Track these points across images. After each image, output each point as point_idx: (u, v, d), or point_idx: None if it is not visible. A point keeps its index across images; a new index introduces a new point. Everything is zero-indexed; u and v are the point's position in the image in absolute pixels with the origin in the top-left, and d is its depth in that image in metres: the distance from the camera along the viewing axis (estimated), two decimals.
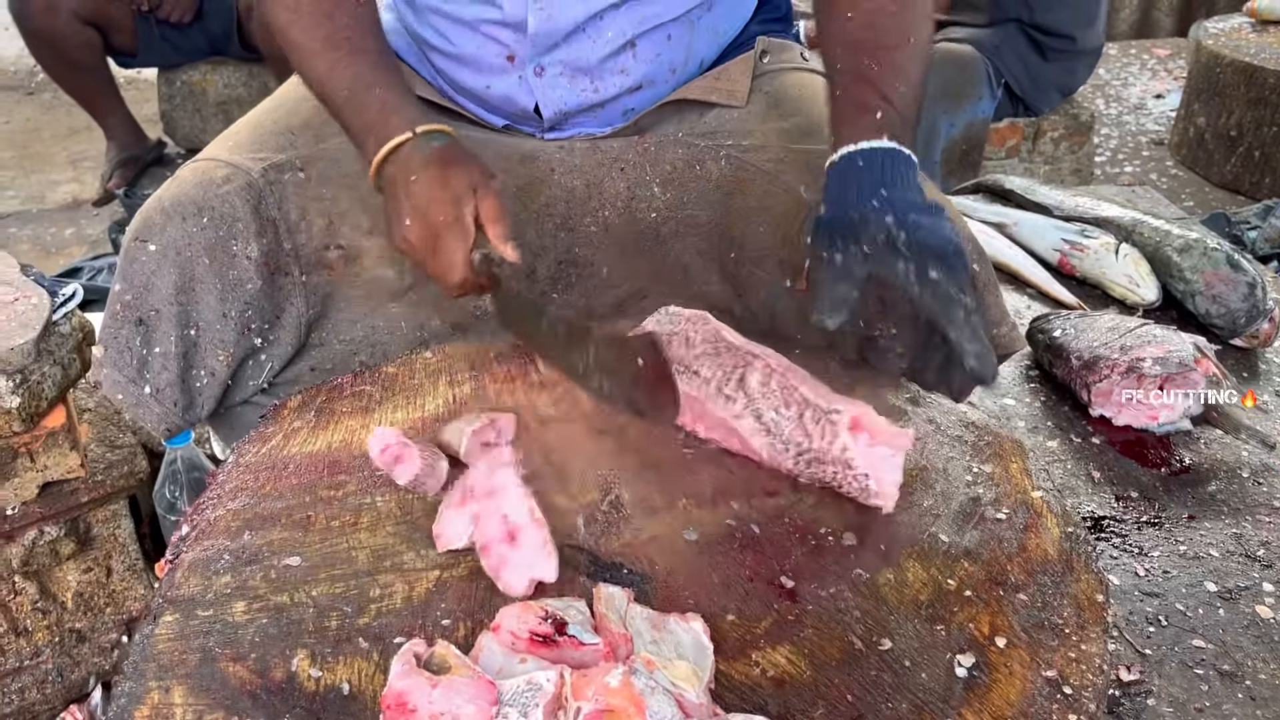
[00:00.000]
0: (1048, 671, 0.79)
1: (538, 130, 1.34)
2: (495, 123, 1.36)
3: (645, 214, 1.34)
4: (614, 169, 1.34)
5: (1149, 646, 1.13)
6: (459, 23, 1.25)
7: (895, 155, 0.98)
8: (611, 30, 1.23)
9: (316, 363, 1.26)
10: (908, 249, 0.90)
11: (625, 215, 1.34)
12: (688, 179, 1.33)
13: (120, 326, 1.15)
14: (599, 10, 1.21)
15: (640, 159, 1.34)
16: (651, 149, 1.34)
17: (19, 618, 1.43)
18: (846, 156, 0.99)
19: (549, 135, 1.34)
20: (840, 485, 0.93)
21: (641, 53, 1.26)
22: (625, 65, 1.26)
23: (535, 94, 1.28)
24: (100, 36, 3.34)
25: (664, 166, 1.34)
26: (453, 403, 1.10)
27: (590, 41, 1.23)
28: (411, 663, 0.74)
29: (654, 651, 0.76)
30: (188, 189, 1.18)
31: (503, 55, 1.25)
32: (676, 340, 1.05)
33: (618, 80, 1.27)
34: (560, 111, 1.29)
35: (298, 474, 1.00)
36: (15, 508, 1.34)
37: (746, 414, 0.97)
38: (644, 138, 1.35)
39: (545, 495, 0.95)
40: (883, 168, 0.97)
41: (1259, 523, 1.29)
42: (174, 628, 0.82)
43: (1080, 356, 1.51)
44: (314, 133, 1.27)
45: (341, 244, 1.25)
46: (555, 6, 1.20)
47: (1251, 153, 3.34)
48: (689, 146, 1.34)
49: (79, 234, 3.47)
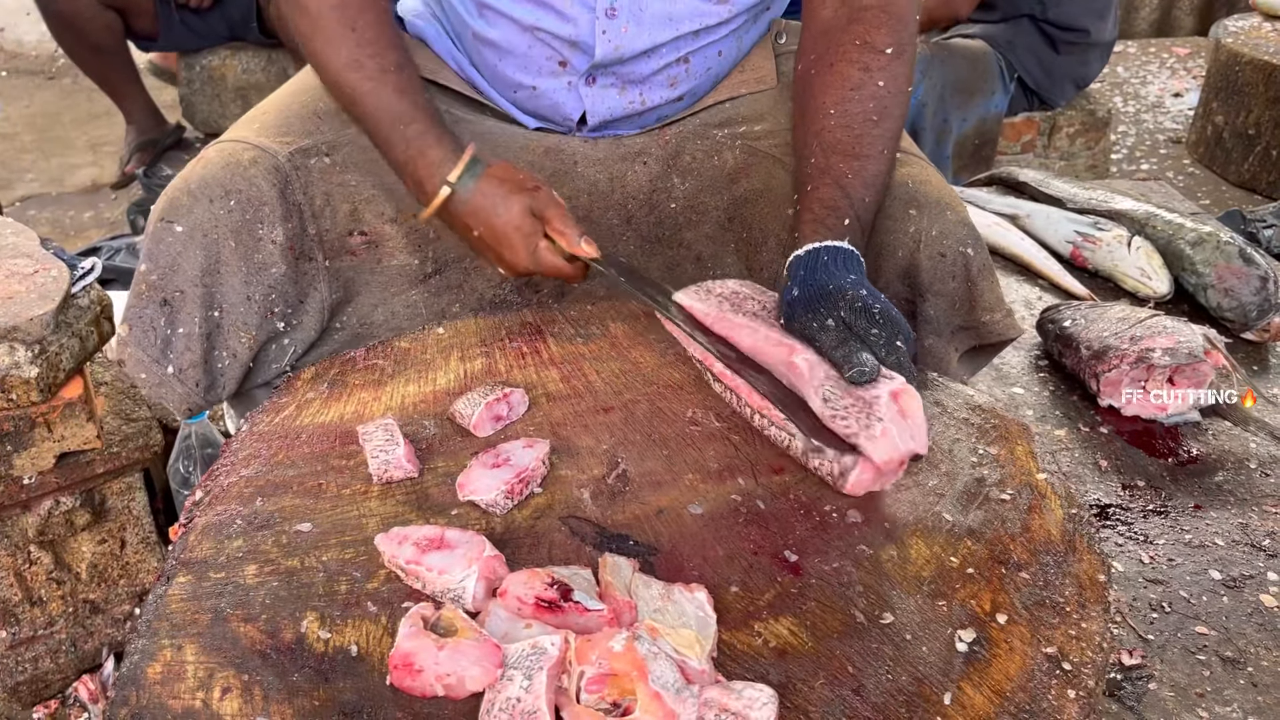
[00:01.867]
0: (1048, 648, 0.79)
1: (570, 131, 1.36)
2: (528, 124, 1.36)
3: (665, 205, 1.35)
4: (636, 162, 1.35)
5: (1152, 632, 1.13)
6: (517, 24, 1.25)
7: (855, 256, 1.05)
8: (668, 49, 1.26)
9: (338, 347, 1.27)
10: (880, 318, 0.96)
11: (646, 207, 1.35)
12: (705, 169, 1.35)
13: (145, 306, 1.16)
14: (663, 42, 1.23)
15: (662, 151, 1.35)
16: (672, 141, 1.36)
17: (34, 587, 1.45)
18: (814, 250, 1.04)
19: (579, 132, 1.36)
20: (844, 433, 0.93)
21: (694, 68, 1.29)
22: (676, 78, 1.29)
23: (584, 101, 1.29)
24: (121, 20, 3.37)
25: (684, 159, 1.36)
26: (464, 377, 1.12)
27: (647, 59, 1.26)
28: (419, 625, 0.76)
29: (658, 619, 0.77)
30: (215, 171, 1.19)
31: (555, 60, 1.26)
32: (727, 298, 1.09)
33: (664, 93, 1.30)
34: (604, 119, 1.32)
35: (310, 443, 1.01)
36: (32, 477, 1.35)
37: (798, 340, 1.00)
38: (664, 130, 1.36)
39: (554, 468, 0.97)
40: (846, 262, 1.03)
41: (1265, 513, 1.30)
42: (187, 589, 0.83)
43: (1090, 346, 1.51)
44: (340, 118, 1.27)
45: (365, 230, 1.26)
46: (623, 39, 1.22)
47: (1269, 151, 3.32)
48: (707, 138, 1.36)
49: (97, 217, 3.50)
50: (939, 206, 1.19)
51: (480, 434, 1.02)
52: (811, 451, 0.95)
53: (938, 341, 1.21)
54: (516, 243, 1.12)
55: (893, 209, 1.19)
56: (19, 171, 3.86)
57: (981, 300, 1.19)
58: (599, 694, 0.71)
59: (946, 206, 1.19)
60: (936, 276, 1.18)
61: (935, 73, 2.72)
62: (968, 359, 1.26)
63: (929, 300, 1.19)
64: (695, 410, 1.06)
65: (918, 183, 1.21)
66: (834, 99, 1.13)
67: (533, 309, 1.28)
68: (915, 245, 1.18)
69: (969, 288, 1.18)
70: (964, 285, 1.18)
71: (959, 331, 1.21)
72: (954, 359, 1.22)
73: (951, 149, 2.83)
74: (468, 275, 1.30)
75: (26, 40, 5.11)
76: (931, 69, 2.72)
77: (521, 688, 0.70)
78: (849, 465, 0.92)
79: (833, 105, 1.13)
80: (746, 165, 1.33)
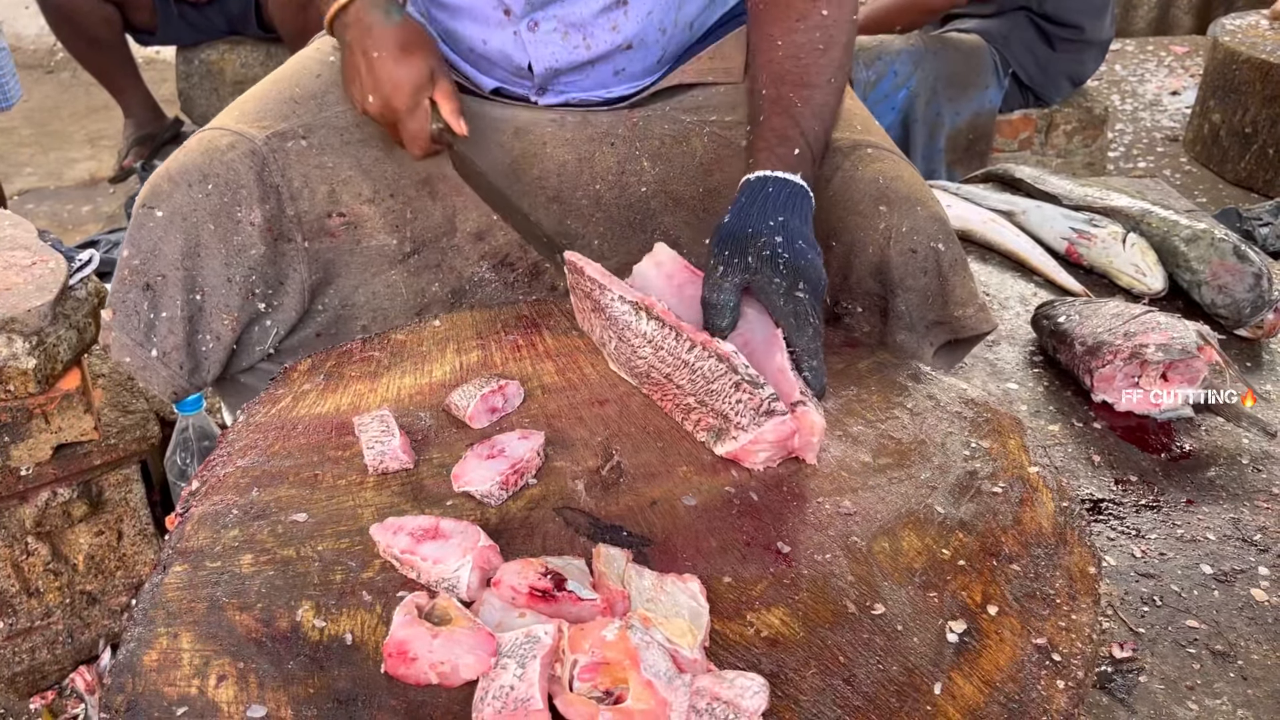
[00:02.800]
0: (1038, 639, 0.80)
1: (530, 91, 1.36)
2: (486, 85, 1.37)
3: (635, 188, 1.36)
4: (604, 143, 1.36)
5: (1143, 625, 1.14)
6: None
7: (800, 191, 1.08)
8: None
9: (320, 328, 1.29)
10: (785, 267, 1.00)
11: (616, 189, 1.36)
12: (674, 155, 1.36)
13: (128, 291, 1.18)
14: None
15: (630, 134, 1.36)
16: (640, 124, 1.36)
17: (31, 578, 1.45)
18: (760, 179, 1.09)
19: (541, 100, 1.36)
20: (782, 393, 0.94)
21: (633, 10, 1.27)
22: (616, 21, 1.28)
23: (528, 50, 1.29)
24: (119, 14, 3.37)
25: (653, 141, 1.36)
26: (460, 370, 1.12)
27: (585, 0, 1.26)
28: (413, 613, 0.76)
29: (651, 609, 0.77)
30: (194, 157, 1.22)
31: (499, 8, 1.27)
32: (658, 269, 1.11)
33: (609, 37, 1.28)
34: (551, 68, 1.31)
35: (306, 434, 1.02)
36: (30, 468, 1.36)
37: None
38: (633, 112, 1.36)
39: (549, 460, 0.97)
40: (788, 199, 1.06)
41: (1257, 508, 1.30)
42: (183, 577, 0.84)
43: (1084, 342, 1.52)
44: (316, 102, 1.29)
45: (343, 211, 1.28)
46: None
47: (1266, 150, 3.33)
48: (675, 122, 1.36)
49: (95, 211, 3.50)
50: (909, 202, 1.20)
51: (475, 426, 1.02)
52: (749, 383, 0.94)
53: (910, 337, 1.22)
54: (406, 85, 1.19)
55: (863, 206, 1.21)
56: (17, 165, 3.86)
57: (954, 295, 1.20)
58: (592, 682, 0.71)
59: (917, 202, 1.20)
60: (908, 272, 1.19)
61: (928, 65, 2.73)
62: (944, 353, 1.28)
63: (900, 296, 1.20)
64: None
65: (889, 179, 1.22)
66: (781, 30, 1.17)
67: (529, 302, 1.28)
68: (885, 241, 1.19)
69: (941, 283, 1.20)
70: (936, 280, 1.19)
71: (933, 326, 1.22)
72: (929, 354, 1.24)
73: (944, 143, 2.83)
74: (445, 255, 1.32)
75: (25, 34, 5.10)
76: (924, 61, 2.72)
77: (515, 676, 0.71)
78: (780, 411, 0.93)
79: (780, 36, 1.17)
80: (719, 157, 1.34)
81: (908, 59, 2.71)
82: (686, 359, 0.98)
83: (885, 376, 1.11)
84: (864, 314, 1.24)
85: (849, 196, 1.23)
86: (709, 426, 0.99)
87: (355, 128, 1.28)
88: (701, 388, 0.98)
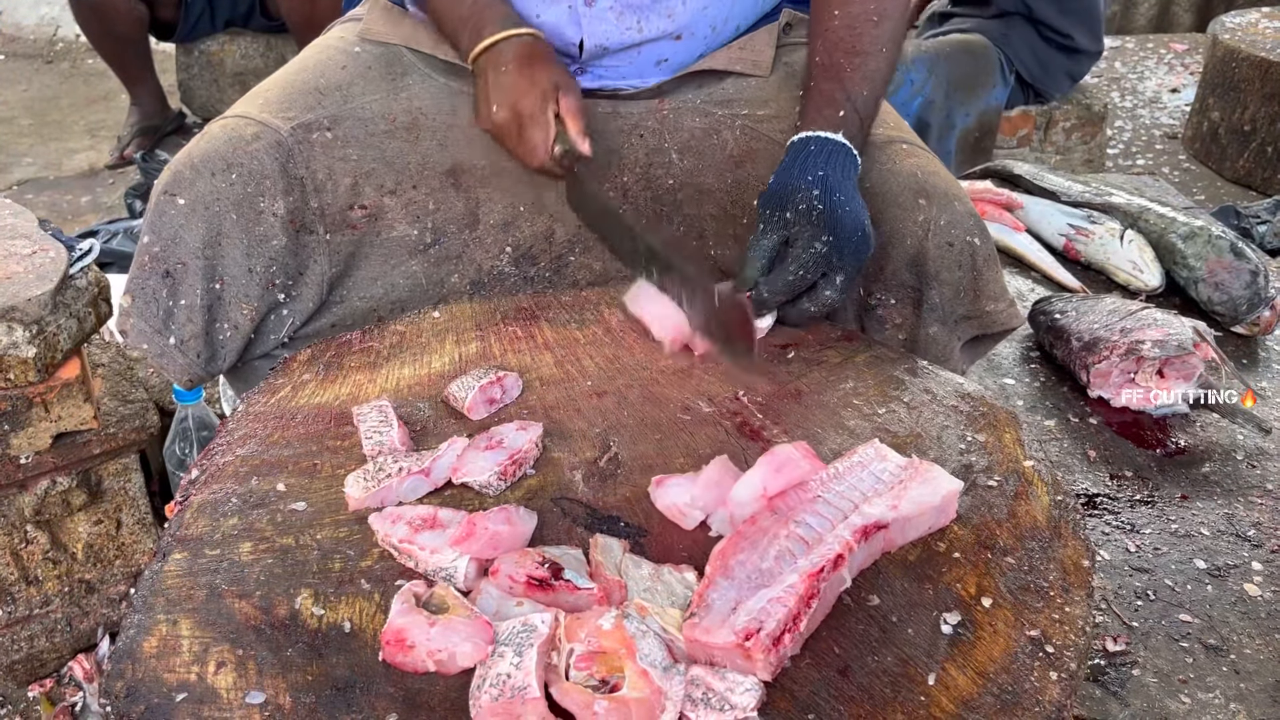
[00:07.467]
0: (1031, 631, 0.80)
1: (569, 67, 1.35)
2: None
3: (663, 180, 1.36)
4: (633, 135, 1.36)
5: (1136, 619, 1.15)
6: None
7: (844, 150, 1.12)
8: None
9: (337, 319, 1.28)
10: (818, 219, 1.05)
11: (643, 181, 1.36)
12: (704, 148, 1.36)
13: (148, 278, 1.17)
14: None
15: (659, 126, 1.36)
16: (670, 116, 1.36)
17: (30, 566, 1.46)
18: (804, 139, 1.13)
19: (581, 79, 1.36)
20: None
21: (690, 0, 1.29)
22: (673, 9, 1.29)
23: (582, 26, 1.29)
24: (149, 11, 3.43)
25: (682, 134, 1.36)
26: (459, 361, 1.12)
27: None
28: (411, 602, 0.77)
29: (647, 599, 0.78)
30: (218, 145, 1.20)
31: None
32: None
33: (662, 24, 1.29)
34: (601, 46, 1.31)
35: (305, 424, 1.02)
36: (29, 456, 1.36)
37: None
38: (662, 103, 1.36)
39: (547, 451, 0.98)
40: (829, 156, 1.11)
41: (1251, 504, 1.31)
42: (182, 565, 0.84)
43: (1080, 338, 1.52)
44: (342, 93, 1.28)
45: (365, 204, 1.27)
46: None
47: (1264, 148, 3.33)
48: (706, 115, 1.36)
49: (95, 201, 3.50)
50: (947, 197, 1.21)
51: (474, 416, 1.03)
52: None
53: (942, 330, 1.23)
54: (532, 91, 1.18)
55: (903, 199, 1.21)
56: (16, 155, 3.86)
57: (986, 290, 1.21)
58: (588, 671, 0.72)
59: (954, 198, 1.22)
60: (944, 265, 1.20)
61: (940, 71, 2.75)
62: (969, 348, 1.29)
63: (935, 288, 1.21)
64: (687, 396, 1.07)
65: (927, 173, 1.23)
66: (840, 2, 1.22)
67: (528, 294, 1.29)
68: (924, 234, 1.20)
69: (974, 277, 1.21)
70: (970, 274, 1.21)
71: (962, 320, 1.23)
72: (956, 347, 1.25)
73: (955, 144, 2.85)
74: (466, 246, 1.32)
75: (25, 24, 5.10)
76: (937, 67, 2.75)
77: (512, 664, 0.71)
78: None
79: (837, 6, 1.22)
80: (750, 150, 1.34)
81: (922, 66, 2.73)
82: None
83: (882, 370, 1.12)
84: (897, 305, 1.25)
85: (888, 189, 1.23)
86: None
87: (380, 119, 1.28)
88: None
